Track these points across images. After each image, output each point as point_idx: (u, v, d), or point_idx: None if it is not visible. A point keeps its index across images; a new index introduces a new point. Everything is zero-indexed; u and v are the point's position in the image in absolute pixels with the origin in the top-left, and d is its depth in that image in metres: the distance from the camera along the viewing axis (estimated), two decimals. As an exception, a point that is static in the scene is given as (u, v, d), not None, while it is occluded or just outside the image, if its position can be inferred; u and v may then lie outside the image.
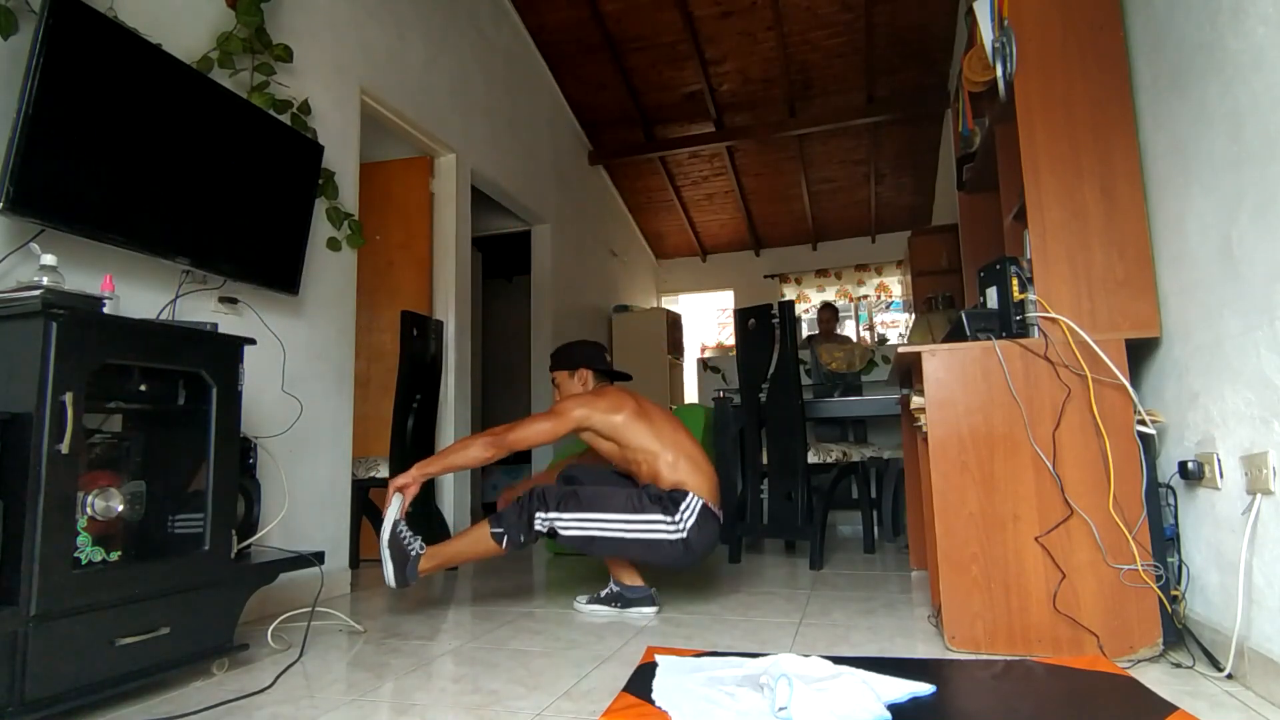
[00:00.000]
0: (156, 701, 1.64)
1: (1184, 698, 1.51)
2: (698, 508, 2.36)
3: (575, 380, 2.67)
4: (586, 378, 2.67)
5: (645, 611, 2.42)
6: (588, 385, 2.66)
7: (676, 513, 2.34)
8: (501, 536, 2.34)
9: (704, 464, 2.48)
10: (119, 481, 1.72)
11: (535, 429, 2.44)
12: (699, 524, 2.35)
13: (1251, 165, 1.51)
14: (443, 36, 4.00)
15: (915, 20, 5.05)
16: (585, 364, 2.68)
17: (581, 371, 2.67)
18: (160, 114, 2.09)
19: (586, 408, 2.48)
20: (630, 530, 2.33)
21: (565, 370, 2.69)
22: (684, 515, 2.34)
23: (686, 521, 2.33)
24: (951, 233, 5.65)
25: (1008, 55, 2.16)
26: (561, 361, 2.71)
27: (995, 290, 2.08)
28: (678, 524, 2.33)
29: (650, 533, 2.33)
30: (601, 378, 2.70)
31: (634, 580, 2.48)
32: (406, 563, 2.33)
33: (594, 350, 2.74)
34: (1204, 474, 1.75)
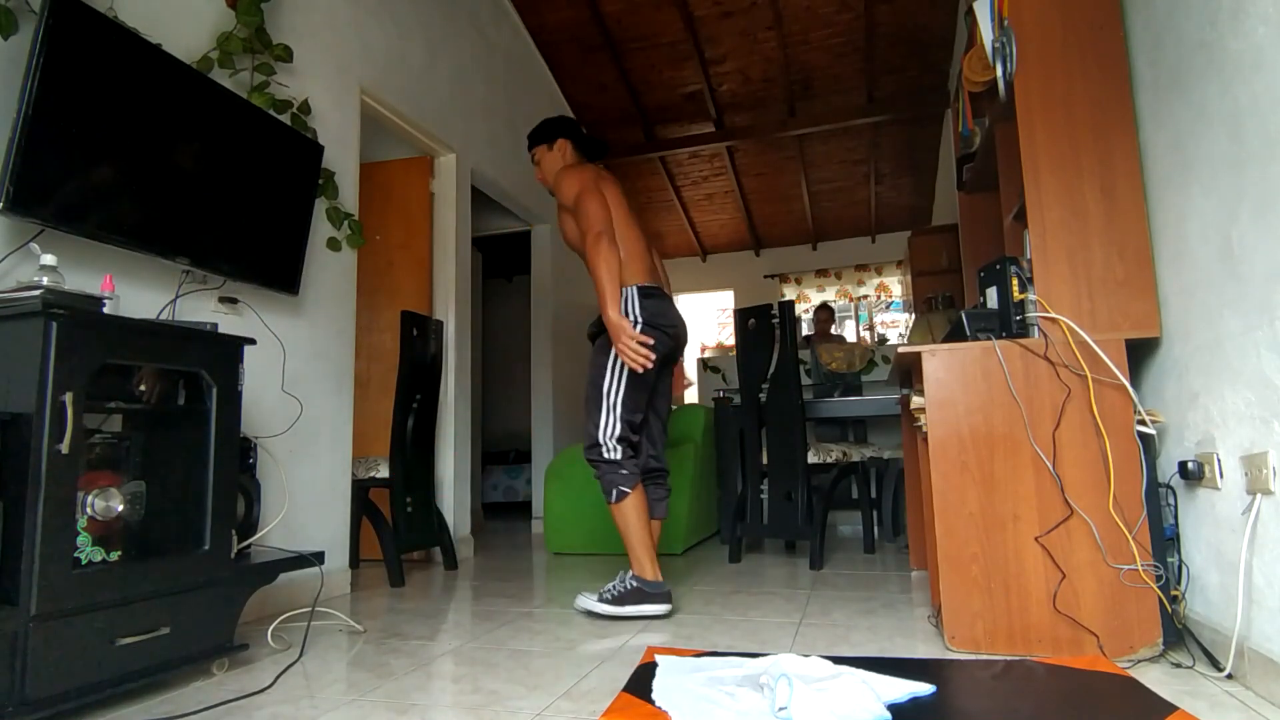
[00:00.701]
0: (156, 701, 1.64)
1: (1184, 698, 1.51)
2: (633, 298, 2.44)
3: (555, 152, 2.68)
4: (565, 148, 2.68)
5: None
6: (567, 156, 2.67)
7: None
8: (611, 491, 2.37)
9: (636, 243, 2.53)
10: (119, 481, 1.72)
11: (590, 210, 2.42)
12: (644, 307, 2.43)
13: (1251, 165, 1.51)
14: (443, 36, 4.00)
15: (915, 20, 5.05)
16: (563, 134, 2.70)
17: (560, 142, 2.69)
18: (160, 114, 2.09)
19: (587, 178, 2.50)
20: (614, 373, 2.40)
21: (544, 144, 2.70)
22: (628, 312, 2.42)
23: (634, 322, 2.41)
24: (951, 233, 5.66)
25: (1008, 55, 2.16)
26: (540, 136, 2.72)
27: (995, 290, 2.08)
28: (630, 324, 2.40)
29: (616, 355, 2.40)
30: (579, 148, 2.71)
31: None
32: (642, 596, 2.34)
33: (569, 122, 2.76)
34: (1204, 474, 1.75)
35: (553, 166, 2.68)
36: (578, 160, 2.69)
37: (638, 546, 2.37)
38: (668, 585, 2.40)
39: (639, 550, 2.37)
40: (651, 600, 2.34)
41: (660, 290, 2.54)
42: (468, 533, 3.95)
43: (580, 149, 2.72)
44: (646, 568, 2.36)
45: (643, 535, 2.37)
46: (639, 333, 2.38)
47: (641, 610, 2.33)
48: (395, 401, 3.23)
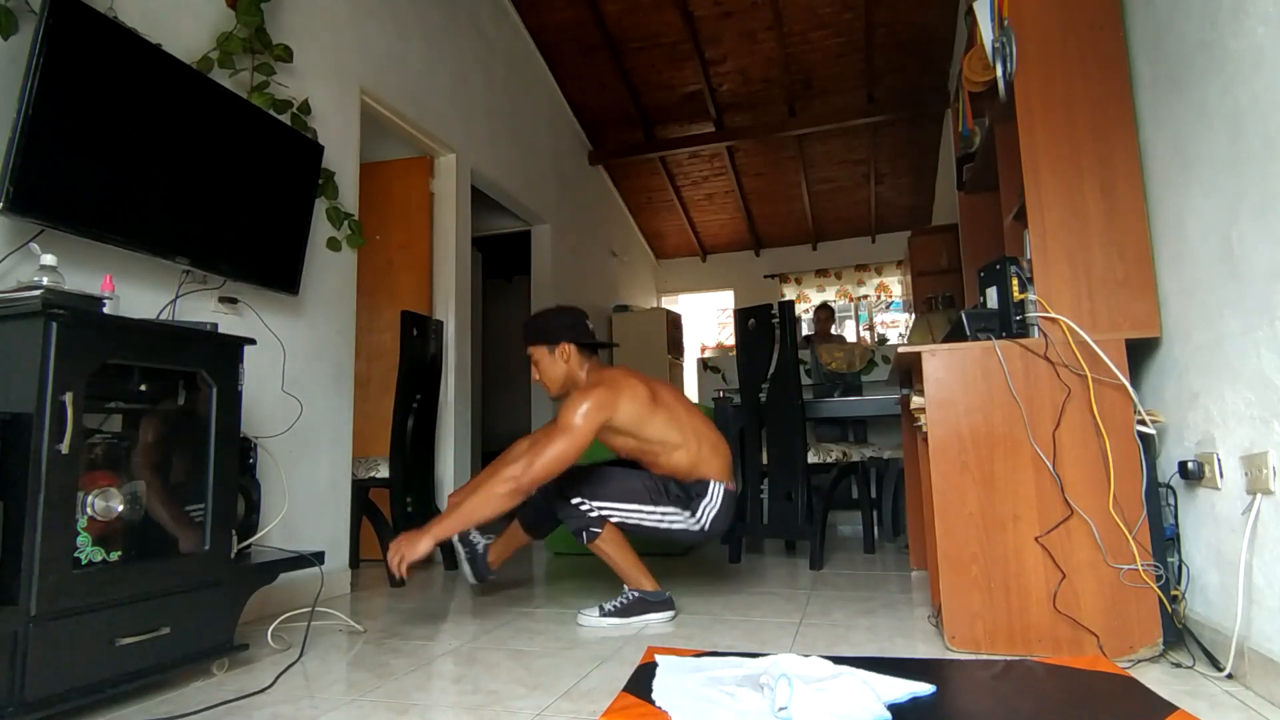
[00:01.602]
0: (156, 701, 1.64)
1: (1184, 698, 1.51)
2: (719, 496, 2.35)
3: (557, 357, 2.38)
4: (570, 354, 2.38)
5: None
6: (570, 362, 2.38)
7: (698, 509, 2.34)
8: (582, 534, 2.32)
9: (720, 444, 2.43)
10: (119, 481, 1.72)
11: (556, 456, 2.13)
12: (721, 511, 2.35)
13: (1251, 165, 1.51)
14: (443, 36, 4.00)
15: (915, 20, 5.05)
16: (568, 338, 2.38)
17: (563, 347, 2.37)
18: (160, 114, 2.09)
19: (601, 411, 2.21)
20: (648, 519, 2.33)
21: (544, 346, 2.39)
22: (705, 509, 2.34)
23: (707, 516, 2.34)
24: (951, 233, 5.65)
25: (1008, 55, 2.16)
26: (538, 335, 2.40)
27: (995, 290, 2.08)
28: (698, 519, 2.34)
29: (669, 523, 2.34)
30: (586, 353, 2.43)
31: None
32: (646, 606, 2.30)
33: (574, 319, 2.43)
34: (1204, 474, 1.75)
35: (552, 371, 2.39)
36: (583, 362, 2.40)
37: (627, 568, 2.36)
38: (668, 591, 2.39)
39: (629, 570, 2.36)
40: (655, 609, 2.33)
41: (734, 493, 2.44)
42: (468, 533, 3.95)
43: (584, 349, 2.42)
44: (643, 582, 2.35)
45: (626, 556, 2.37)
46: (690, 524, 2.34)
47: (647, 619, 2.31)
48: (395, 401, 3.23)
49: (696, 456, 2.38)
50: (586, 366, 2.42)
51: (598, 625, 2.28)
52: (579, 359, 2.40)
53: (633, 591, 2.35)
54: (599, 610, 2.33)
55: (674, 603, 2.37)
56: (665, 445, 2.35)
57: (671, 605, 2.35)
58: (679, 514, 2.34)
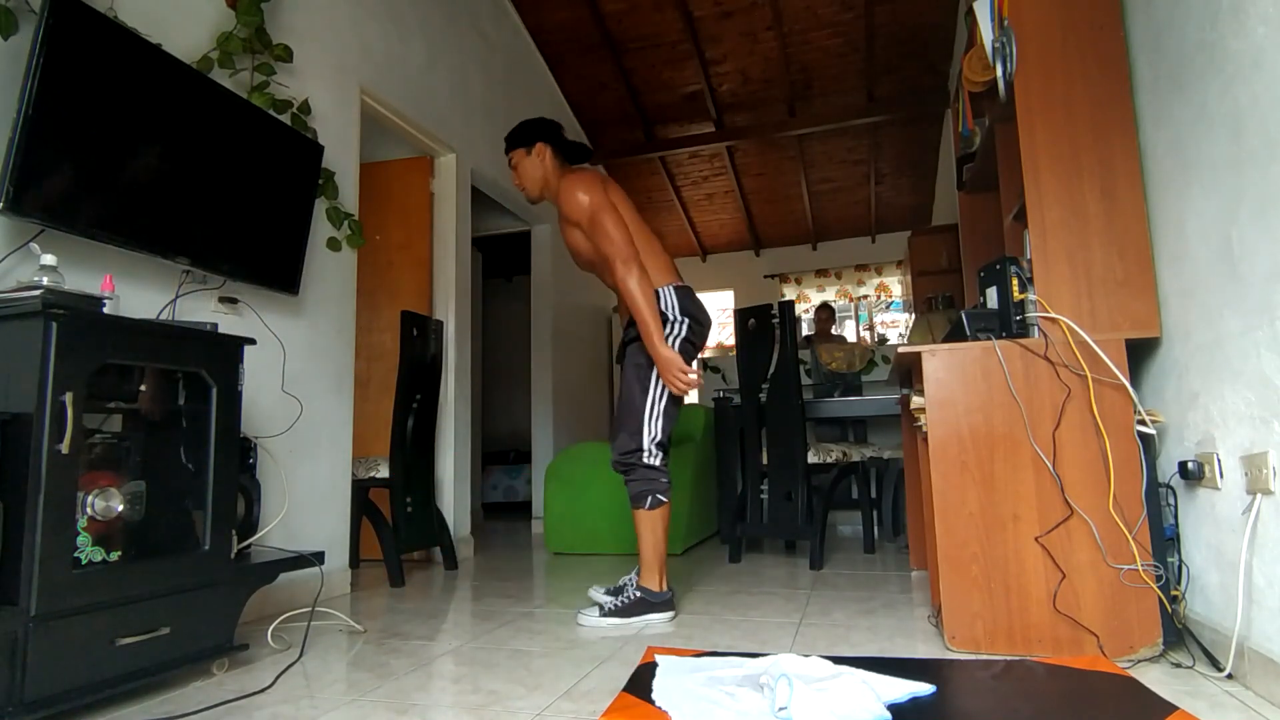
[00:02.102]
0: (156, 701, 1.64)
1: (1184, 698, 1.51)
2: (672, 298, 2.41)
3: (534, 157, 2.50)
4: (545, 153, 2.50)
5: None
6: (546, 161, 2.50)
7: (667, 325, 2.37)
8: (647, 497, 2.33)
9: (654, 243, 2.49)
10: (119, 481, 1.72)
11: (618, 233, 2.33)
12: (681, 310, 2.40)
13: (1251, 165, 1.51)
14: (443, 36, 4.00)
15: (915, 20, 5.05)
16: (542, 138, 2.51)
17: (539, 147, 2.50)
18: (160, 114, 2.09)
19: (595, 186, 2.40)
20: (658, 378, 2.35)
21: (521, 149, 2.52)
22: (672, 321, 2.38)
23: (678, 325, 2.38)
24: (951, 233, 5.66)
25: (1008, 55, 2.16)
26: (517, 140, 2.53)
27: (995, 290, 2.08)
28: (673, 334, 2.37)
29: (672, 344, 2.35)
30: (560, 153, 2.55)
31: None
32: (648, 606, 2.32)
33: (550, 125, 2.56)
34: (1204, 474, 1.75)
35: (530, 173, 2.52)
36: (558, 166, 2.53)
37: (654, 557, 2.35)
38: (670, 592, 2.38)
39: (654, 561, 2.35)
40: (657, 609, 2.33)
41: (689, 286, 2.51)
42: (467, 533, 3.95)
43: (561, 154, 2.55)
44: (655, 578, 2.35)
45: (662, 546, 2.37)
46: (684, 332, 2.38)
47: (648, 619, 2.32)
48: (395, 401, 3.23)
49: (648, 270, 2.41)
50: (560, 168, 2.55)
51: (597, 625, 2.29)
52: (553, 159, 2.53)
53: (636, 590, 2.35)
54: (599, 610, 2.33)
55: (674, 604, 2.38)
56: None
57: (672, 606, 2.36)
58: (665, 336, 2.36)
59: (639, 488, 2.35)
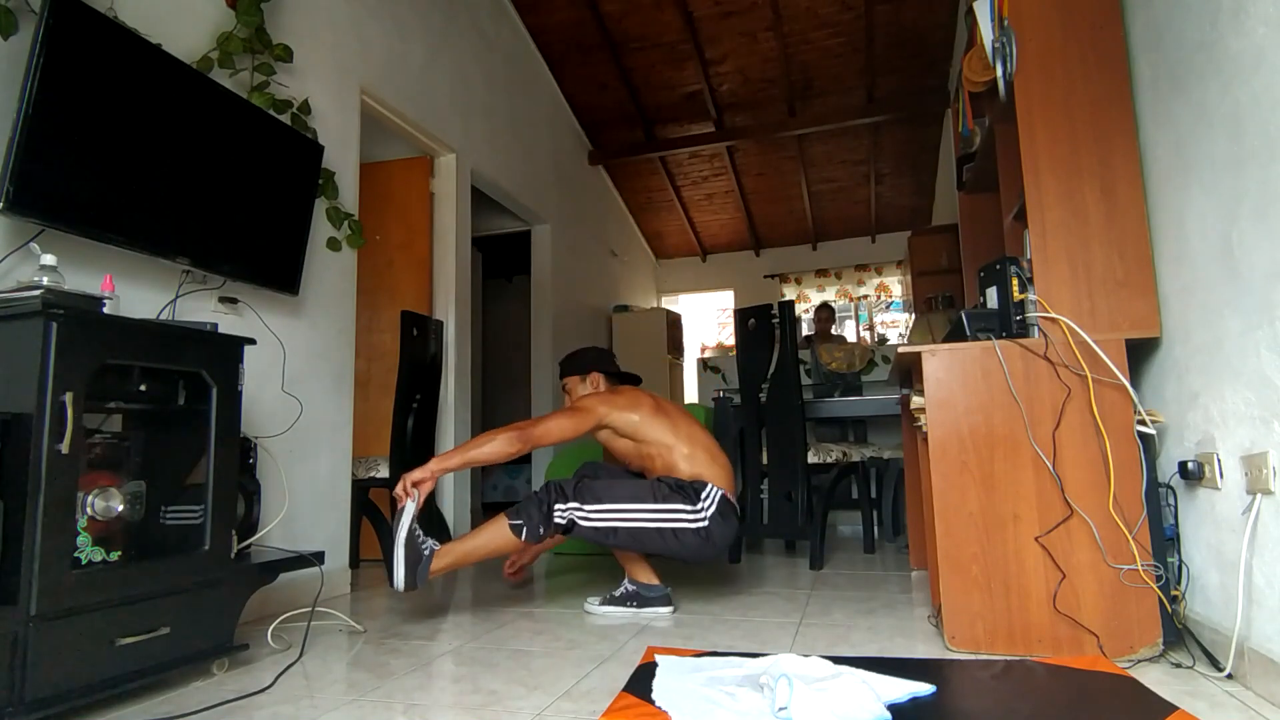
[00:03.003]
0: (156, 701, 1.64)
1: (1184, 698, 1.51)
2: (717, 497, 2.38)
3: (588, 385, 2.69)
4: (598, 381, 2.69)
5: (661, 611, 2.40)
6: (598, 387, 2.68)
7: (698, 501, 2.34)
8: (520, 528, 2.28)
9: (720, 456, 2.50)
10: (119, 481, 1.72)
11: (558, 425, 2.40)
12: (720, 514, 2.36)
13: (1251, 165, 1.51)
14: (443, 36, 4.00)
15: (915, 20, 5.05)
16: (596, 368, 2.70)
17: (593, 375, 2.69)
18: (160, 114, 2.09)
19: (606, 405, 2.50)
20: (651, 519, 2.32)
21: (576, 376, 2.71)
22: (705, 504, 2.35)
23: (708, 510, 2.34)
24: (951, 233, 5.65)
25: (1008, 55, 2.16)
26: (572, 368, 2.73)
27: (995, 290, 2.08)
28: (699, 512, 2.33)
29: (671, 521, 2.32)
30: (612, 381, 2.73)
31: (651, 578, 2.45)
32: (419, 563, 2.23)
33: (602, 354, 2.79)
34: (1204, 474, 1.75)
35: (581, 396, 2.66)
36: (611, 388, 2.68)
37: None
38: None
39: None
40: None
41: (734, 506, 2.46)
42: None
43: (611, 380, 2.71)
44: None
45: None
46: (694, 523, 2.33)
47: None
48: (395, 401, 3.23)
49: (693, 458, 2.44)
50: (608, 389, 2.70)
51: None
52: (606, 386, 2.70)
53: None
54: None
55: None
56: (661, 445, 2.47)
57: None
58: (679, 507, 2.33)
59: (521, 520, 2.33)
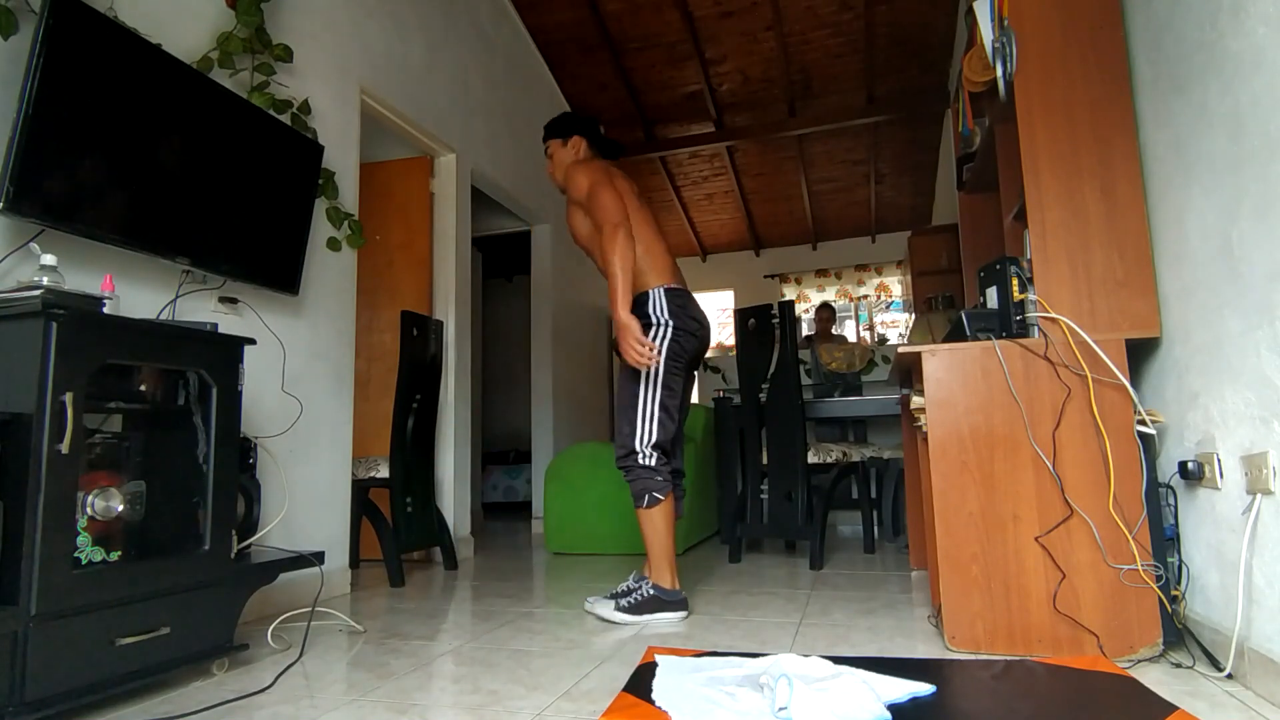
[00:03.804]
0: (156, 701, 1.64)
1: (1184, 698, 1.51)
2: (661, 300, 2.42)
3: (569, 148, 2.64)
4: (580, 145, 2.64)
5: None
6: (580, 153, 2.64)
7: (653, 328, 2.39)
8: (644, 496, 2.33)
9: (656, 242, 2.50)
10: (119, 481, 1.72)
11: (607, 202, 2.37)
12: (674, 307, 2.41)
13: (1251, 165, 1.51)
14: (443, 36, 4.00)
15: (915, 20, 5.05)
16: (579, 130, 2.66)
17: (575, 139, 2.65)
18: (160, 114, 2.09)
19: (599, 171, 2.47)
20: (649, 379, 2.37)
21: (558, 139, 2.66)
22: (656, 318, 2.40)
23: (663, 328, 2.39)
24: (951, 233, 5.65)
25: (1008, 55, 2.16)
26: (556, 130, 2.68)
27: (995, 290, 2.08)
28: (663, 328, 2.39)
29: (661, 355, 2.37)
30: (594, 149, 2.67)
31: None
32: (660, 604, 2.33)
33: (587, 120, 2.72)
34: (1204, 474, 1.75)
35: (564, 162, 2.64)
36: (591, 157, 2.64)
37: (661, 555, 2.36)
38: (684, 592, 2.39)
39: (661, 559, 2.36)
40: (669, 608, 2.34)
41: (687, 291, 2.52)
42: (468, 533, 3.95)
43: (595, 148, 2.68)
44: (666, 576, 2.36)
45: (668, 544, 2.37)
46: (669, 335, 2.39)
47: (659, 618, 2.32)
48: (395, 401, 3.23)
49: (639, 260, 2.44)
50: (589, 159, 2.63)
51: (607, 615, 2.32)
52: (587, 153, 2.65)
53: (650, 588, 2.35)
54: (614, 603, 2.35)
55: (687, 604, 2.38)
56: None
57: (685, 606, 2.36)
58: (651, 343, 2.36)
59: (637, 487, 2.36)
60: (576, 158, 2.63)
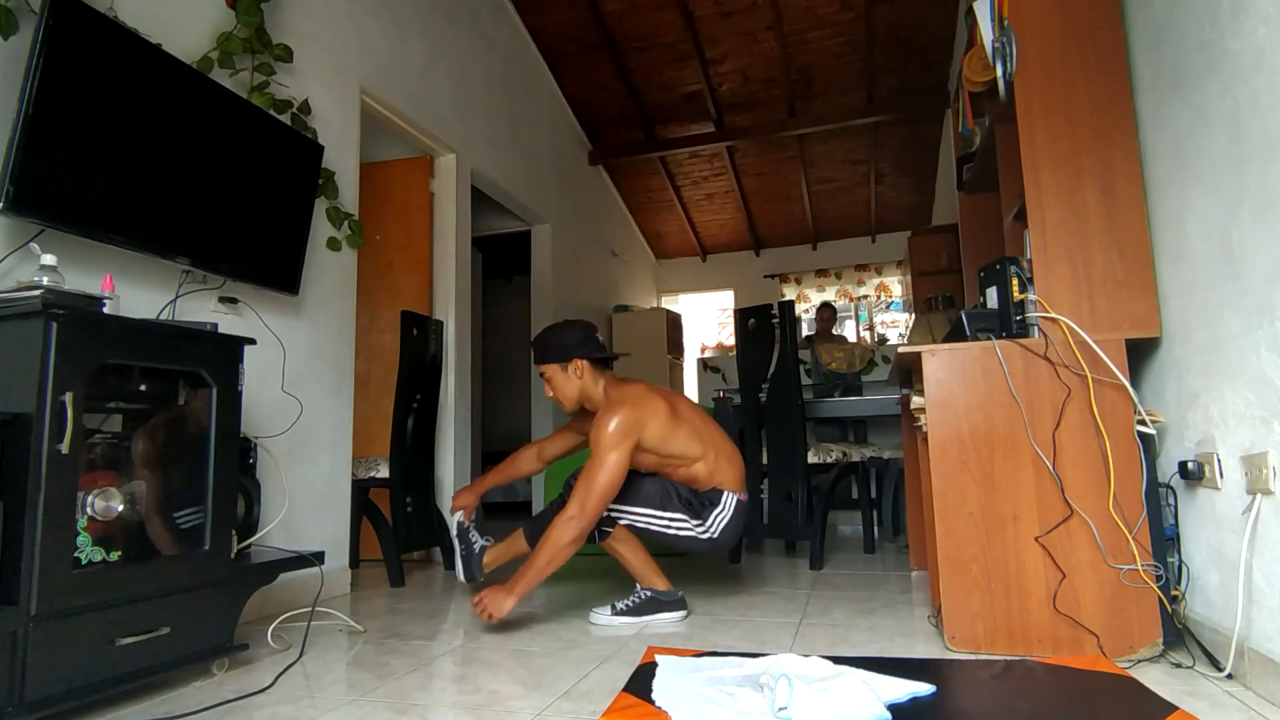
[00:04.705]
0: (156, 701, 1.64)
1: (1184, 698, 1.51)
2: (732, 506, 2.37)
3: (571, 374, 2.34)
4: (583, 370, 2.34)
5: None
6: (584, 378, 2.35)
7: (708, 518, 2.35)
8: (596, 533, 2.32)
9: (735, 455, 2.45)
10: (119, 481, 1.72)
11: (601, 489, 2.15)
12: (732, 520, 2.37)
13: (1251, 165, 1.51)
14: (443, 36, 4.00)
15: (915, 20, 5.04)
16: (580, 354, 2.34)
17: (576, 364, 2.34)
18: (160, 114, 2.09)
19: (630, 434, 2.21)
20: (657, 524, 2.34)
21: (556, 364, 2.36)
22: (716, 519, 2.35)
23: (717, 526, 2.35)
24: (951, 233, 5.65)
25: (1008, 55, 2.16)
26: (550, 353, 2.36)
27: (995, 290, 2.08)
28: (708, 528, 2.34)
29: (676, 529, 2.34)
30: (598, 367, 2.38)
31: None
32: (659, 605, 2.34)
33: (585, 334, 2.38)
34: (1204, 474, 1.75)
35: (565, 389, 2.37)
36: (596, 376, 2.37)
37: (640, 567, 2.40)
38: (680, 591, 2.41)
39: (642, 569, 2.40)
40: (668, 608, 2.35)
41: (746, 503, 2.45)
42: (468, 533, 3.95)
43: (597, 364, 2.38)
44: (656, 581, 2.39)
45: (639, 555, 2.41)
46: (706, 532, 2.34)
47: (659, 619, 2.33)
48: (395, 401, 3.23)
49: (714, 467, 2.39)
50: (602, 382, 2.38)
51: (610, 624, 2.31)
52: (592, 374, 2.37)
53: (645, 590, 2.37)
54: (610, 609, 2.35)
55: (686, 603, 2.40)
56: (686, 459, 2.36)
57: (684, 605, 2.38)
58: (687, 521, 2.34)
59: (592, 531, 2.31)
60: (584, 382, 2.35)
